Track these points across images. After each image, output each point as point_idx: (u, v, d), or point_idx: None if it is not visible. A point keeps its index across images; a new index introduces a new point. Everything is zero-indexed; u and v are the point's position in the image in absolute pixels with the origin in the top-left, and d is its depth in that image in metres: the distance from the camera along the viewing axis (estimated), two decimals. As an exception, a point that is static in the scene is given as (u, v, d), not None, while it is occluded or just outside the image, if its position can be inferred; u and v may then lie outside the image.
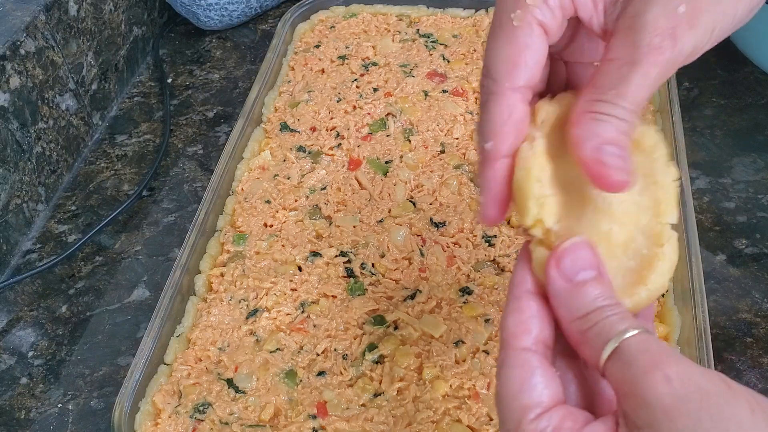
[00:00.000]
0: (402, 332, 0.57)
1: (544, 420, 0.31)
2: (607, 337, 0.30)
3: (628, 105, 0.32)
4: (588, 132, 0.32)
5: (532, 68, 0.34)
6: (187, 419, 0.54)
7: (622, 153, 0.32)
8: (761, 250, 0.67)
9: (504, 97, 0.34)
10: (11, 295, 0.69)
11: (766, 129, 0.78)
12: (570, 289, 0.32)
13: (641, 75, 0.31)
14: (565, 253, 0.32)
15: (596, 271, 0.32)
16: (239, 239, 0.65)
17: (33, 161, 0.74)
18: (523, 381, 0.32)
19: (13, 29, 0.71)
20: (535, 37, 0.33)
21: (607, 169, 0.32)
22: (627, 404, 0.29)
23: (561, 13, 0.34)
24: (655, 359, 0.28)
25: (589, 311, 0.31)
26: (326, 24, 0.88)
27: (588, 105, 0.33)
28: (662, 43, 0.31)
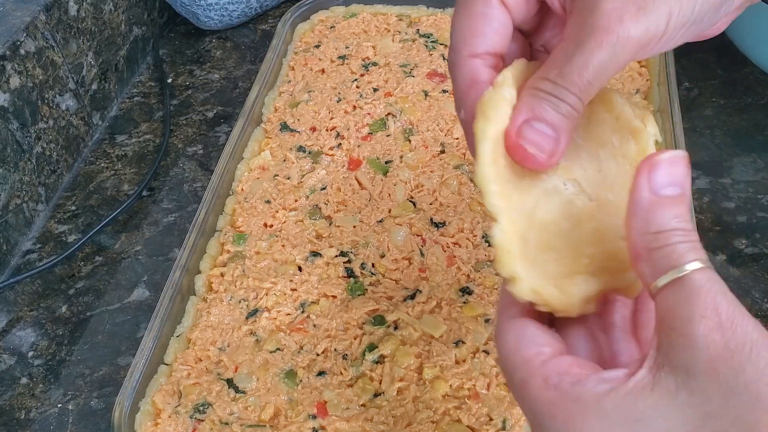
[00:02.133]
0: (402, 332, 0.57)
1: (551, 365, 0.30)
2: (675, 263, 0.28)
3: (567, 85, 0.31)
4: (524, 105, 0.32)
5: (490, 37, 0.34)
6: (187, 419, 0.54)
7: (550, 132, 0.32)
8: (761, 250, 0.67)
9: (465, 64, 0.34)
10: (11, 295, 0.69)
11: (766, 129, 0.78)
12: (653, 201, 0.30)
13: (585, 55, 0.31)
14: (661, 165, 0.30)
15: (682, 189, 0.30)
16: (239, 239, 0.65)
17: (33, 161, 0.74)
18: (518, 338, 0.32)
19: (13, 29, 0.71)
20: (492, 7, 0.34)
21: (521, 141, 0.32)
22: (669, 339, 0.28)
23: None
24: (715, 301, 0.27)
25: (663, 230, 0.29)
26: (326, 24, 0.88)
27: (533, 81, 0.33)
28: (608, 24, 0.30)
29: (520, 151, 0.32)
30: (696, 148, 0.76)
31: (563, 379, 0.29)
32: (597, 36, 0.31)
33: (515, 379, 0.31)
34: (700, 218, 0.69)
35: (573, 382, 0.29)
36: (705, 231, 0.68)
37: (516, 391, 0.31)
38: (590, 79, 0.31)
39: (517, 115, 0.32)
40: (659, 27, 0.31)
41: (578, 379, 0.29)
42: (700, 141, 0.77)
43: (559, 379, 0.29)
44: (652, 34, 0.31)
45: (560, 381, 0.29)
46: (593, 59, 0.31)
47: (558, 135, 0.32)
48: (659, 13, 0.30)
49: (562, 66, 0.32)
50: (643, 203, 0.30)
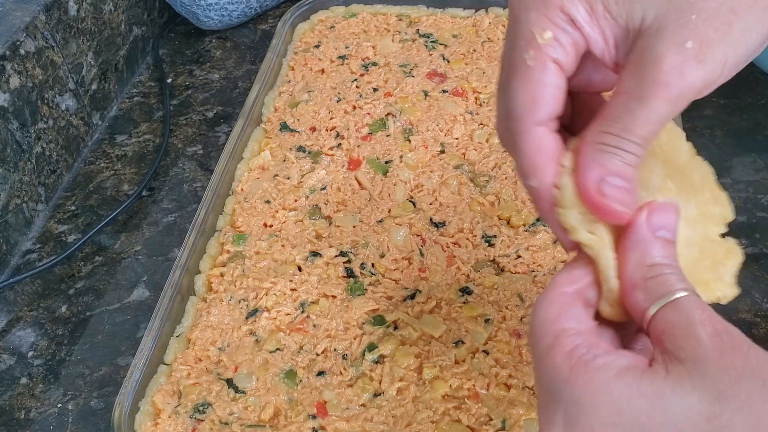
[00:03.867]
0: (402, 332, 0.57)
1: (580, 338, 0.32)
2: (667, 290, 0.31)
3: (634, 138, 0.32)
4: (592, 161, 0.33)
5: (551, 103, 0.34)
6: (186, 419, 0.54)
7: (625, 185, 0.33)
8: (761, 250, 0.67)
9: (530, 133, 0.34)
10: (11, 295, 0.69)
11: (766, 129, 0.78)
12: (650, 237, 0.33)
13: (648, 110, 0.32)
14: (659, 208, 0.34)
15: (672, 236, 0.34)
16: (239, 239, 0.65)
17: (33, 161, 0.74)
18: (561, 312, 0.33)
19: (13, 29, 0.71)
20: (550, 73, 0.34)
21: (606, 201, 0.33)
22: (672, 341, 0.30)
23: (574, 50, 0.34)
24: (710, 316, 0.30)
25: (658, 263, 0.32)
26: (326, 24, 0.88)
27: (595, 136, 0.33)
28: (669, 79, 0.31)
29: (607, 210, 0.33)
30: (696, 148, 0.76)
31: (590, 351, 0.31)
32: (660, 92, 0.31)
33: (542, 343, 0.33)
34: (700, 218, 0.69)
35: (598, 354, 0.31)
36: (705, 231, 0.68)
37: (539, 356, 0.33)
38: (653, 130, 0.33)
39: (589, 172, 0.33)
40: (716, 73, 0.32)
41: (605, 351, 0.31)
42: (700, 141, 0.77)
43: (586, 350, 0.31)
44: (711, 81, 0.32)
45: (587, 352, 0.31)
46: (656, 113, 0.32)
47: (631, 186, 0.33)
48: (716, 61, 0.31)
49: (624, 120, 0.32)
50: (644, 239, 0.33)
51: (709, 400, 0.28)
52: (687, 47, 0.31)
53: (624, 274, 0.33)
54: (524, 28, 0.34)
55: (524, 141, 0.35)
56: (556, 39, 0.33)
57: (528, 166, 0.35)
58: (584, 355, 0.31)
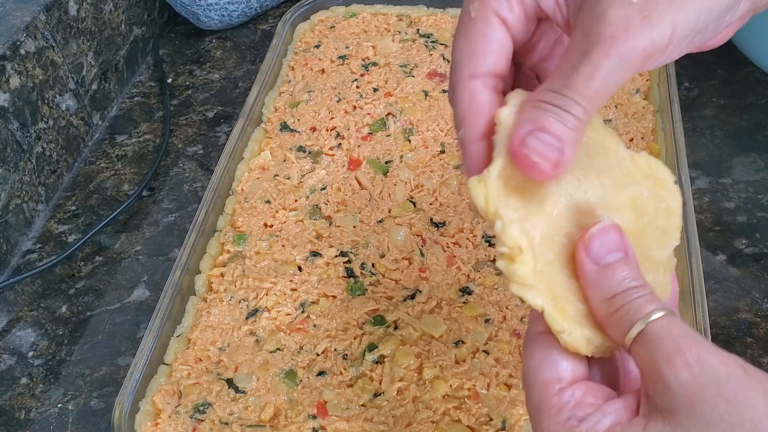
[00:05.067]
0: (402, 332, 0.57)
1: (566, 395, 0.32)
2: (634, 319, 0.31)
3: (574, 96, 0.31)
4: (527, 118, 0.32)
5: (489, 57, 0.34)
6: (187, 419, 0.54)
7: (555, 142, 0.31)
8: (761, 250, 0.67)
9: (465, 84, 0.34)
10: (11, 295, 0.69)
11: (766, 129, 0.78)
12: (599, 271, 0.32)
13: (591, 65, 0.31)
14: (593, 237, 0.32)
15: (623, 253, 0.32)
16: (239, 239, 0.65)
17: (33, 161, 0.74)
18: (541, 358, 0.33)
19: (13, 29, 0.71)
20: (492, 27, 0.34)
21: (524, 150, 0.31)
22: (650, 386, 0.30)
23: (521, 7, 0.34)
24: (678, 344, 0.29)
25: (617, 293, 0.31)
26: (326, 24, 0.88)
27: (536, 94, 0.32)
28: (614, 33, 0.30)
29: (523, 159, 0.31)
30: (696, 148, 0.76)
31: (573, 414, 0.31)
32: (603, 46, 0.30)
33: (532, 401, 0.33)
34: (700, 218, 0.69)
35: (581, 418, 0.31)
36: (705, 231, 0.68)
37: (530, 412, 0.33)
38: (596, 90, 0.31)
39: (520, 126, 0.32)
40: (664, 37, 0.30)
41: (586, 415, 0.31)
42: (700, 141, 0.77)
43: (569, 414, 0.31)
44: (658, 44, 0.31)
45: (570, 416, 0.31)
46: (600, 69, 0.30)
47: (562, 146, 0.31)
48: (664, 24, 0.30)
49: (567, 77, 0.31)
50: (591, 275, 0.32)
51: None
52: (632, 2, 0.30)
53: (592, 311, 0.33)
54: None
55: (458, 91, 0.34)
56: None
57: (458, 117, 0.35)
58: (567, 420, 0.31)
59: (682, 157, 0.65)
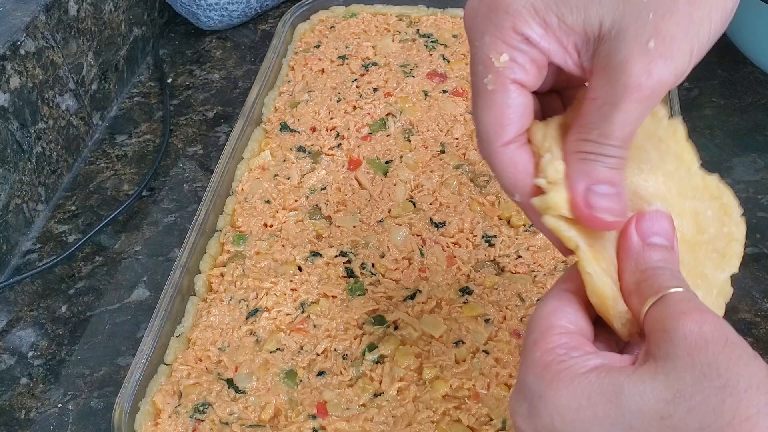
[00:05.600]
0: (402, 332, 0.57)
1: (566, 337, 0.32)
2: (658, 288, 0.31)
3: (614, 142, 0.33)
4: (577, 173, 0.34)
5: (516, 122, 0.35)
6: (187, 419, 0.54)
7: (612, 191, 0.33)
8: (761, 250, 0.67)
9: (502, 154, 0.35)
10: (11, 295, 0.69)
11: (766, 129, 0.78)
12: (641, 246, 0.33)
13: (622, 114, 0.32)
14: (646, 217, 0.34)
15: (669, 243, 0.34)
16: (239, 239, 0.65)
17: (33, 161, 0.74)
18: (556, 307, 0.34)
19: (13, 29, 0.71)
20: (511, 95, 0.34)
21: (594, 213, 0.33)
22: (653, 339, 0.30)
23: (534, 67, 0.34)
24: (696, 306, 0.30)
25: (650, 267, 0.33)
26: (326, 24, 0.88)
27: (575, 145, 0.34)
28: (638, 81, 0.31)
29: (598, 222, 0.34)
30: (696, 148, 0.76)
31: (569, 351, 0.31)
32: (631, 95, 0.31)
33: (530, 338, 0.33)
34: (700, 218, 0.69)
35: (573, 355, 0.31)
36: (705, 231, 0.68)
37: (525, 349, 0.33)
38: (631, 131, 0.33)
39: (575, 184, 0.34)
40: (684, 65, 0.32)
41: (583, 352, 0.31)
42: (700, 141, 0.77)
43: (565, 350, 0.31)
44: (680, 73, 0.32)
45: (564, 352, 0.31)
46: (631, 115, 0.32)
47: (618, 189, 0.33)
48: (683, 53, 0.31)
49: (601, 127, 0.33)
50: (633, 248, 0.34)
51: (666, 398, 0.28)
52: (650, 47, 0.31)
53: (621, 284, 0.34)
54: (480, 53, 0.34)
55: (498, 162, 0.35)
56: (513, 60, 0.34)
57: (507, 184, 0.36)
58: (561, 354, 0.31)
59: (682, 157, 0.65)
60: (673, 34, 0.31)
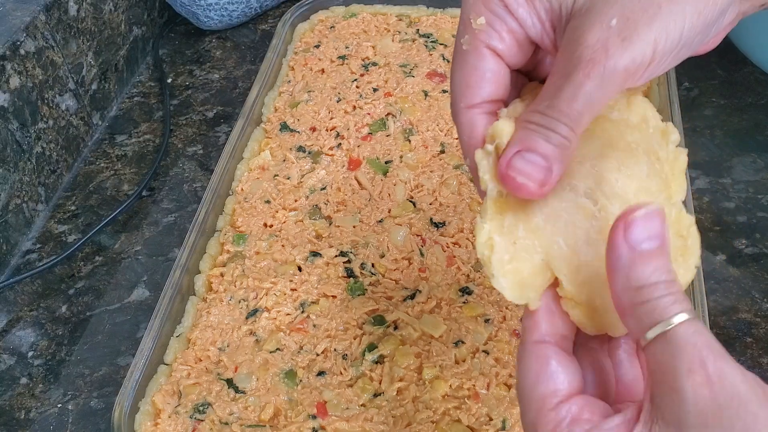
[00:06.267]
0: (402, 332, 0.57)
1: (563, 410, 0.31)
2: (659, 318, 0.29)
3: (561, 117, 0.32)
4: (515, 139, 0.33)
5: (484, 87, 0.35)
6: (186, 419, 0.54)
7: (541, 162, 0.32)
8: (761, 250, 0.67)
9: (463, 115, 0.35)
10: (11, 295, 0.69)
11: (766, 129, 0.78)
12: (632, 257, 0.30)
13: (573, 87, 0.31)
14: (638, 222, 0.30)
15: (661, 241, 0.30)
16: (239, 239, 0.65)
17: (33, 161, 0.74)
18: (538, 372, 0.32)
19: (13, 29, 0.71)
20: (483, 58, 0.34)
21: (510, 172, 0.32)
22: (660, 393, 0.29)
23: (511, 38, 0.34)
24: (701, 356, 0.28)
25: (645, 285, 0.30)
26: (326, 24, 0.88)
27: (525, 115, 0.34)
28: (593, 55, 0.31)
29: (510, 181, 0.32)
30: (696, 148, 0.76)
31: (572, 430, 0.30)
32: (583, 68, 0.31)
33: (528, 417, 0.32)
34: (700, 218, 0.69)
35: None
36: (705, 231, 0.68)
37: (525, 428, 0.33)
38: (580, 110, 0.32)
39: (509, 147, 0.33)
40: (645, 56, 0.31)
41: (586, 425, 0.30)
42: (700, 141, 0.77)
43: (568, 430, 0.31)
44: (639, 63, 0.31)
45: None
46: (581, 90, 0.31)
47: (550, 164, 0.32)
48: (644, 42, 0.31)
49: (551, 98, 0.32)
50: (623, 260, 0.30)
51: None
52: (611, 25, 0.31)
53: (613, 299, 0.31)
54: (464, 13, 0.35)
55: (459, 122, 0.35)
56: (490, 24, 0.34)
57: (463, 146, 0.36)
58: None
59: (682, 157, 0.65)
60: (637, 18, 0.31)
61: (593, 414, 0.31)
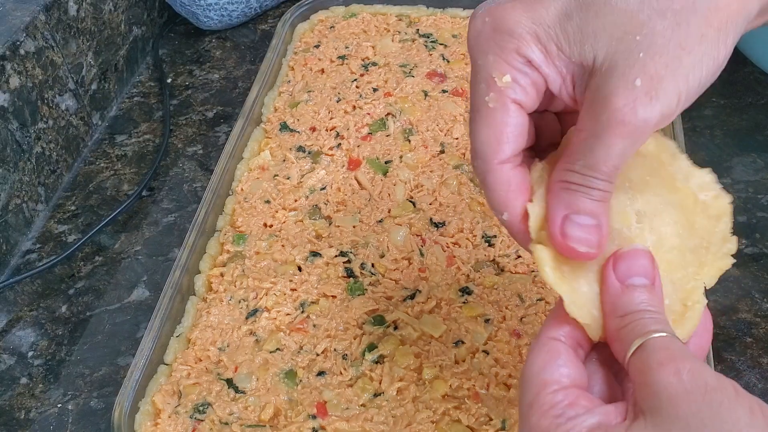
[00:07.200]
0: (402, 332, 0.57)
1: (560, 394, 0.32)
2: (637, 334, 0.32)
3: (598, 174, 0.33)
4: (558, 201, 0.34)
5: (513, 141, 0.35)
6: (186, 419, 0.54)
7: (591, 222, 0.34)
8: (761, 250, 0.67)
9: (497, 172, 0.36)
10: (11, 295, 0.69)
11: (766, 129, 0.78)
12: (620, 288, 0.34)
13: (606, 147, 0.32)
14: (623, 257, 0.34)
15: (650, 281, 0.34)
16: (239, 239, 0.65)
17: (33, 161, 0.74)
18: (547, 361, 0.34)
19: (13, 29, 0.71)
20: (511, 114, 0.35)
21: (568, 241, 0.34)
22: (639, 392, 0.31)
23: (534, 89, 0.35)
24: (673, 355, 0.30)
25: (630, 312, 0.33)
26: (326, 24, 0.88)
27: (559, 175, 0.35)
28: (622, 117, 0.32)
29: (571, 252, 0.34)
30: (696, 148, 0.76)
31: (565, 412, 0.32)
32: (614, 129, 0.32)
33: (526, 398, 0.33)
34: (700, 218, 0.69)
35: (570, 417, 0.31)
36: (705, 231, 0.68)
37: (522, 412, 0.34)
38: (615, 165, 0.33)
39: (554, 212, 0.34)
40: (671, 107, 0.32)
41: (576, 414, 0.31)
42: (700, 141, 0.77)
43: (560, 411, 0.32)
44: (666, 115, 0.32)
45: (560, 413, 0.32)
46: (614, 149, 0.32)
47: (599, 221, 0.34)
48: (670, 96, 0.32)
49: (586, 158, 0.33)
50: (612, 291, 0.34)
51: None
52: (636, 85, 0.31)
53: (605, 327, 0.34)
54: (483, 71, 0.35)
55: (491, 179, 0.36)
56: (515, 81, 0.34)
57: (497, 202, 0.36)
58: (557, 417, 0.32)
59: (681, 157, 0.65)
60: (660, 75, 0.31)
61: (590, 403, 0.32)
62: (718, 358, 0.59)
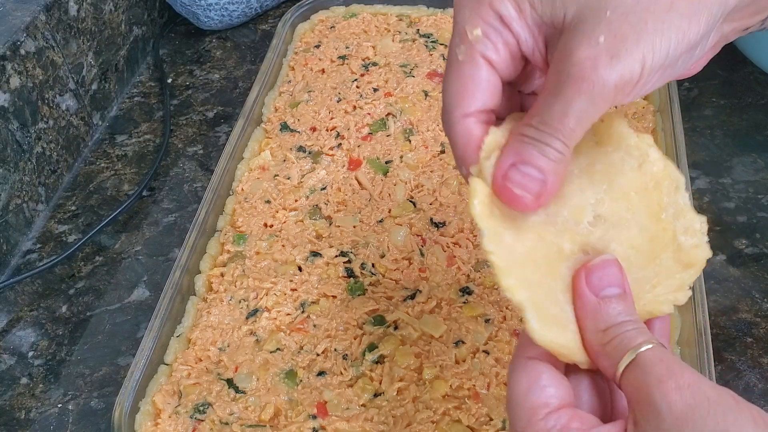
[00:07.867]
0: (402, 332, 0.57)
1: (552, 419, 0.32)
2: (626, 349, 0.32)
3: (554, 132, 0.33)
4: (509, 150, 0.34)
5: (479, 97, 0.35)
6: (187, 419, 0.54)
7: (537, 174, 0.33)
8: (761, 250, 0.67)
9: (459, 124, 0.36)
10: (11, 295, 0.69)
11: (766, 129, 0.78)
12: (596, 303, 0.33)
13: (563, 103, 0.32)
14: (594, 269, 0.34)
15: (621, 289, 0.34)
16: (239, 239, 0.65)
17: (33, 161, 0.74)
18: (530, 384, 0.33)
19: (13, 29, 0.71)
20: (478, 68, 0.35)
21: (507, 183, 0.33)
22: (639, 410, 0.30)
23: (505, 50, 0.35)
24: (670, 369, 0.30)
25: (612, 325, 0.33)
26: (326, 24, 0.88)
27: (518, 128, 0.34)
28: (583, 73, 0.31)
29: (507, 193, 0.33)
30: (696, 148, 0.76)
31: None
32: (573, 84, 0.32)
33: (517, 426, 0.33)
34: (700, 218, 0.69)
35: None
36: (705, 231, 0.68)
37: None
38: (572, 126, 0.33)
39: (503, 158, 0.34)
40: (634, 72, 0.31)
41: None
42: (700, 141, 0.77)
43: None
44: (627, 79, 0.32)
45: None
46: (572, 107, 0.32)
47: (545, 177, 0.33)
48: (633, 59, 0.31)
49: (542, 114, 0.33)
50: (589, 306, 0.34)
51: None
52: (599, 41, 0.31)
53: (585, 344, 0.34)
54: (459, 25, 0.35)
55: (453, 132, 0.36)
56: (486, 36, 0.34)
57: (458, 156, 0.36)
58: None
59: (682, 157, 0.65)
60: (625, 34, 0.31)
61: (583, 424, 0.32)
62: (718, 358, 0.59)
